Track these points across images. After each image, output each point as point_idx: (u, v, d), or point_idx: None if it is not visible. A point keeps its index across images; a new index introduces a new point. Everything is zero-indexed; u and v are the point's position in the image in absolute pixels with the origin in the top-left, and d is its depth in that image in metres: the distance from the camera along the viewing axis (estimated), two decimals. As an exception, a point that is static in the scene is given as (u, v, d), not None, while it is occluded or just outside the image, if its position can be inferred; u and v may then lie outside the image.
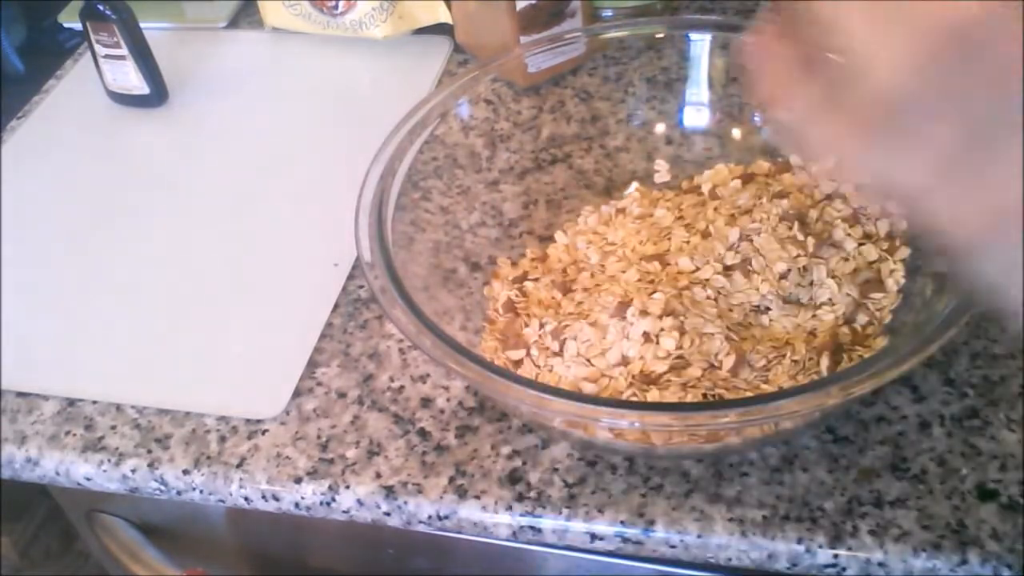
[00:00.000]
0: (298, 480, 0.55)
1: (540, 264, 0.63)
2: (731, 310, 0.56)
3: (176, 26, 0.92)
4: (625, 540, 0.51)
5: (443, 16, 0.83)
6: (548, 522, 0.52)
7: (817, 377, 0.53)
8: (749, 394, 0.52)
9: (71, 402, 0.61)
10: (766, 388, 0.52)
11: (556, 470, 0.53)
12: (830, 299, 0.56)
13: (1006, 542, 0.48)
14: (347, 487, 0.54)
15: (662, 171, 0.67)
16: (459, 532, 0.54)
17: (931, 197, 0.31)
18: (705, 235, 0.60)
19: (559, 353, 0.55)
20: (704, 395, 0.52)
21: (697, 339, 0.53)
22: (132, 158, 0.80)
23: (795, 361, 0.53)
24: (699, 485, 0.52)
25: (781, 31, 0.35)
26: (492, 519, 0.52)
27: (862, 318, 0.56)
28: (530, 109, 0.72)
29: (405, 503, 0.53)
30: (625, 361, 0.54)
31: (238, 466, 0.56)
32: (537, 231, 0.66)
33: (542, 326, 0.57)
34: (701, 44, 0.67)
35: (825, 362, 0.53)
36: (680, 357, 0.53)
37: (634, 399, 0.52)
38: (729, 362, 0.53)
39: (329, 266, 0.66)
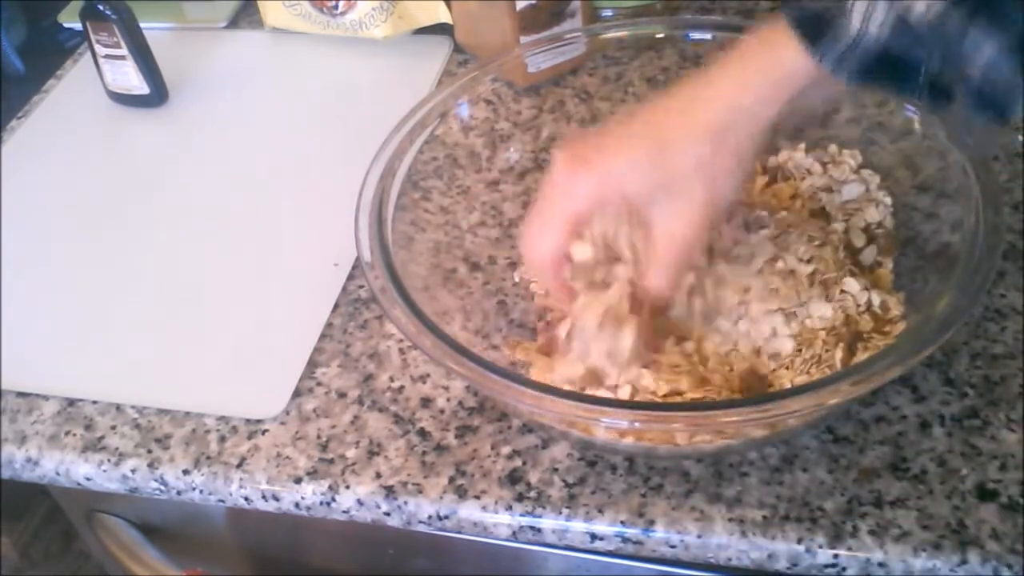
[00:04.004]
0: (298, 480, 0.55)
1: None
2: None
3: (176, 26, 0.92)
4: (625, 540, 0.51)
5: (443, 16, 0.83)
6: (548, 522, 0.52)
7: (830, 371, 0.53)
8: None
9: (71, 402, 0.61)
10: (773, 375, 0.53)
11: (556, 470, 0.53)
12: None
13: (1006, 542, 0.48)
14: (347, 487, 0.54)
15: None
16: (459, 532, 0.54)
17: None
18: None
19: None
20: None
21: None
22: (132, 158, 0.80)
23: (811, 355, 0.53)
24: (699, 485, 0.52)
25: None
26: (492, 519, 0.52)
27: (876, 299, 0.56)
28: (530, 109, 0.72)
29: (405, 503, 0.53)
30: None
31: (238, 466, 0.56)
32: (537, 231, 0.65)
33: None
34: (701, 44, 0.67)
35: (839, 354, 0.53)
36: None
37: (635, 399, 0.52)
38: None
39: (329, 266, 0.66)
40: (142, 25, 0.80)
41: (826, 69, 0.46)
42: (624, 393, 0.52)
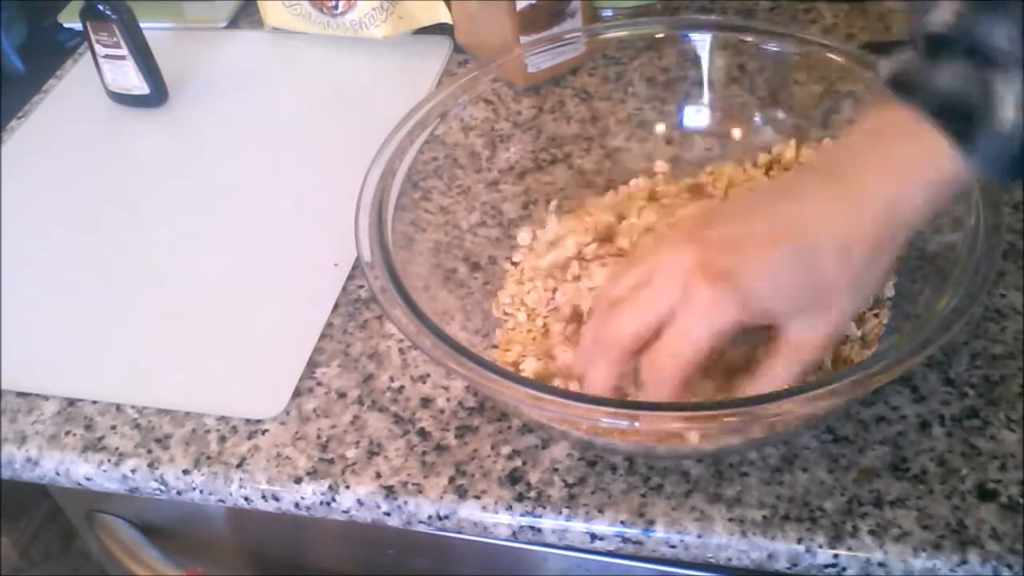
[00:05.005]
0: (298, 480, 0.55)
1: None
2: None
3: (176, 26, 0.92)
4: (625, 540, 0.51)
5: (443, 16, 0.83)
6: (548, 522, 0.52)
7: (821, 375, 0.53)
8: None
9: (71, 402, 0.61)
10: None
11: (556, 470, 0.53)
12: None
13: (1006, 542, 0.48)
14: (347, 487, 0.54)
15: (662, 171, 0.67)
16: (459, 532, 0.54)
17: None
18: None
19: None
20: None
21: None
22: (132, 158, 0.80)
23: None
24: (699, 485, 0.52)
25: None
26: (492, 519, 0.52)
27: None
28: (530, 109, 0.72)
29: (405, 503, 0.53)
30: None
31: (238, 466, 0.56)
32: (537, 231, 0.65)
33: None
34: (701, 44, 0.67)
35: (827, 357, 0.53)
36: None
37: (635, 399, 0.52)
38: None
39: (329, 266, 0.66)
40: (142, 25, 0.80)
41: (979, 169, 0.40)
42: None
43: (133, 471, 0.57)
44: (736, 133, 0.67)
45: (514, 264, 0.63)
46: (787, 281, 0.43)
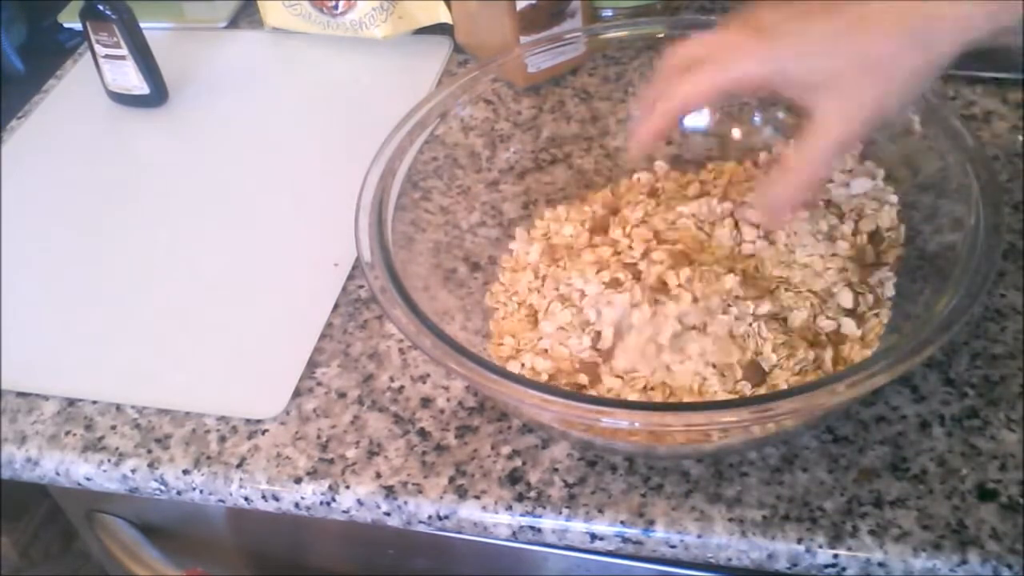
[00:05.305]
0: (298, 480, 0.55)
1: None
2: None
3: (176, 26, 0.92)
4: (625, 540, 0.51)
5: (443, 16, 0.83)
6: (548, 522, 0.52)
7: (821, 372, 0.53)
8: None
9: (71, 402, 0.61)
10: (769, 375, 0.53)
11: (556, 470, 0.53)
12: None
13: (1006, 542, 0.48)
14: (347, 487, 0.54)
15: (662, 172, 0.67)
16: (459, 532, 0.54)
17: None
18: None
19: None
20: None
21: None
22: (132, 158, 0.80)
23: (800, 359, 0.53)
24: (699, 485, 0.52)
25: None
26: (492, 519, 0.52)
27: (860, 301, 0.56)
28: (530, 109, 0.72)
29: (405, 503, 0.53)
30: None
31: (238, 466, 0.56)
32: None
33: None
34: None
35: (828, 354, 0.53)
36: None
37: (635, 399, 0.52)
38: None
39: (329, 266, 0.66)
40: (142, 25, 0.80)
41: None
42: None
43: (133, 471, 0.57)
44: (736, 133, 0.67)
45: (510, 253, 0.63)
46: (814, 52, 0.45)
